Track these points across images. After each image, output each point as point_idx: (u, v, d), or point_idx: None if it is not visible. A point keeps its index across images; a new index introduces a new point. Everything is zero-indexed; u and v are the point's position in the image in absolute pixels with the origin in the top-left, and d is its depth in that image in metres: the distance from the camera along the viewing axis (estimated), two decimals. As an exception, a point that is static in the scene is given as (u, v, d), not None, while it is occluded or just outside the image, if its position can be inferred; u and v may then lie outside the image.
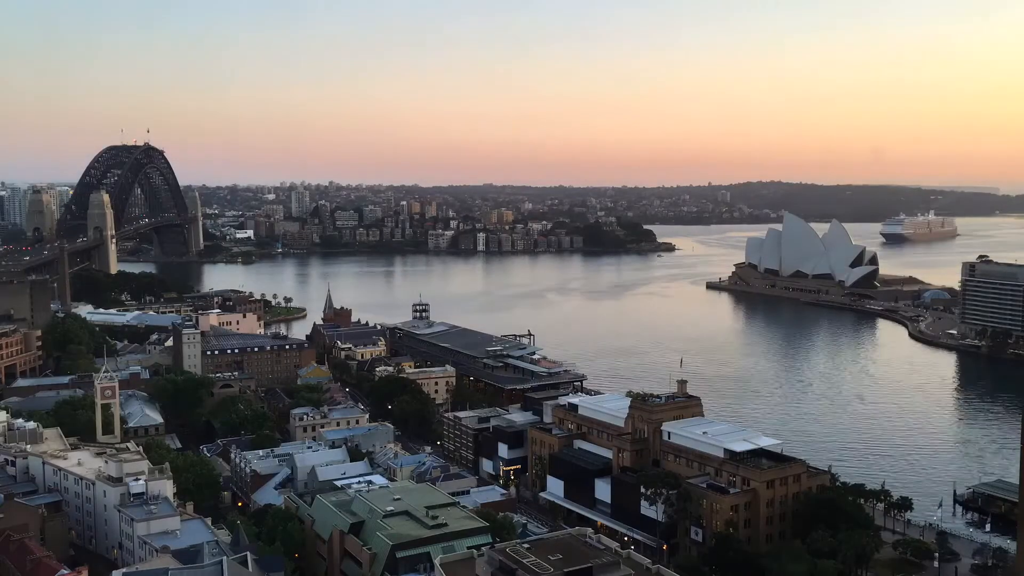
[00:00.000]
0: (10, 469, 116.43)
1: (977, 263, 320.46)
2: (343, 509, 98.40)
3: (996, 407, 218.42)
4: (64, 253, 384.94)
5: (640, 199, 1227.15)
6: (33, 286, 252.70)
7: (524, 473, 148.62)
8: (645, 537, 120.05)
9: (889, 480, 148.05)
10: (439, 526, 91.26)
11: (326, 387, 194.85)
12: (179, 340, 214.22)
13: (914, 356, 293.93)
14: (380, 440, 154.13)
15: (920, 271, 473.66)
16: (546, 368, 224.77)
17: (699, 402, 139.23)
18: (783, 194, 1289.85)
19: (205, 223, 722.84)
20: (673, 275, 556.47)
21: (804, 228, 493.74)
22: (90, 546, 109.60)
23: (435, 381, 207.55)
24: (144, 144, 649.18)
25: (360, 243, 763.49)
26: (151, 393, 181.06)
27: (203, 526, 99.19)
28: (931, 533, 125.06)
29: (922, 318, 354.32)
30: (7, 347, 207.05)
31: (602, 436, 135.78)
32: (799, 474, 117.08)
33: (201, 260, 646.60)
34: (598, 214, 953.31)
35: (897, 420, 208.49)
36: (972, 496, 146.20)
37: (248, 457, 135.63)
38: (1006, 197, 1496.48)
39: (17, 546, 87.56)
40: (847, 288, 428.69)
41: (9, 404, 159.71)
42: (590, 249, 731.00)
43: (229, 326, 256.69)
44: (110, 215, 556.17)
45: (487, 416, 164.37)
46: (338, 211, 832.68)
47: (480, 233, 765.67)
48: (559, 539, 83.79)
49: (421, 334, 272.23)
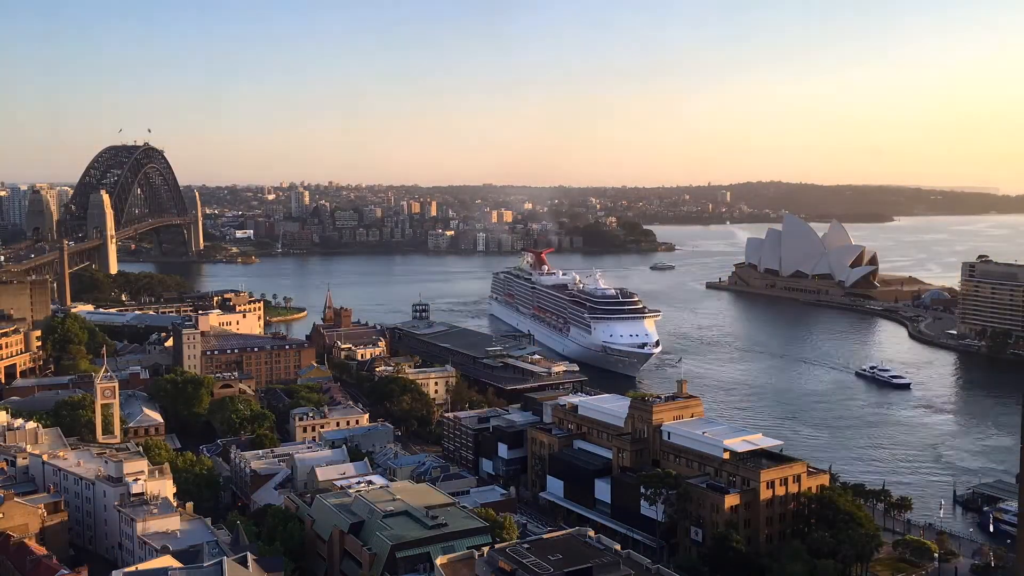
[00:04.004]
0: (10, 469, 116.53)
1: (977, 263, 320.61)
2: (343, 509, 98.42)
3: (996, 407, 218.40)
4: (64, 253, 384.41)
5: (640, 199, 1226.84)
6: (33, 286, 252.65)
7: (523, 473, 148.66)
8: (645, 537, 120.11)
9: (889, 480, 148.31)
10: (439, 526, 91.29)
11: (326, 387, 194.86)
12: (179, 340, 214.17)
13: (914, 356, 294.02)
14: (380, 440, 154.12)
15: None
16: (546, 368, 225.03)
17: (699, 402, 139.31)
18: (783, 194, 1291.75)
19: (205, 223, 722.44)
20: (673, 275, 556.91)
21: (804, 228, 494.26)
22: (90, 546, 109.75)
23: (435, 381, 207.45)
24: (144, 144, 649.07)
25: (360, 243, 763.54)
26: (151, 393, 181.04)
27: (203, 526, 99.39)
28: (931, 533, 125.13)
29: (922, 318, 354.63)
30: (7, 347, 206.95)
31: (602, 436, 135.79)
32: (799, 474, 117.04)
33: (201, 260, 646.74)
34: (598, 214, 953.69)
35: (897, 420, 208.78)
36: (972, 496, 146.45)
37: (248, 457, 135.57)
38: (1005, 197, 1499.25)
39: (17, 546, 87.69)
40: (847, 288, 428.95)
41: (9, 404, 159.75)
42: (590, 249, 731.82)
43: (229, 326, 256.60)
44: (110, 215, 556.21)
45: (487, 416, 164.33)
46: (338, 211, 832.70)
47: (480, 233, 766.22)
48: (559, 539, 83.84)
49: (421, 334, 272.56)
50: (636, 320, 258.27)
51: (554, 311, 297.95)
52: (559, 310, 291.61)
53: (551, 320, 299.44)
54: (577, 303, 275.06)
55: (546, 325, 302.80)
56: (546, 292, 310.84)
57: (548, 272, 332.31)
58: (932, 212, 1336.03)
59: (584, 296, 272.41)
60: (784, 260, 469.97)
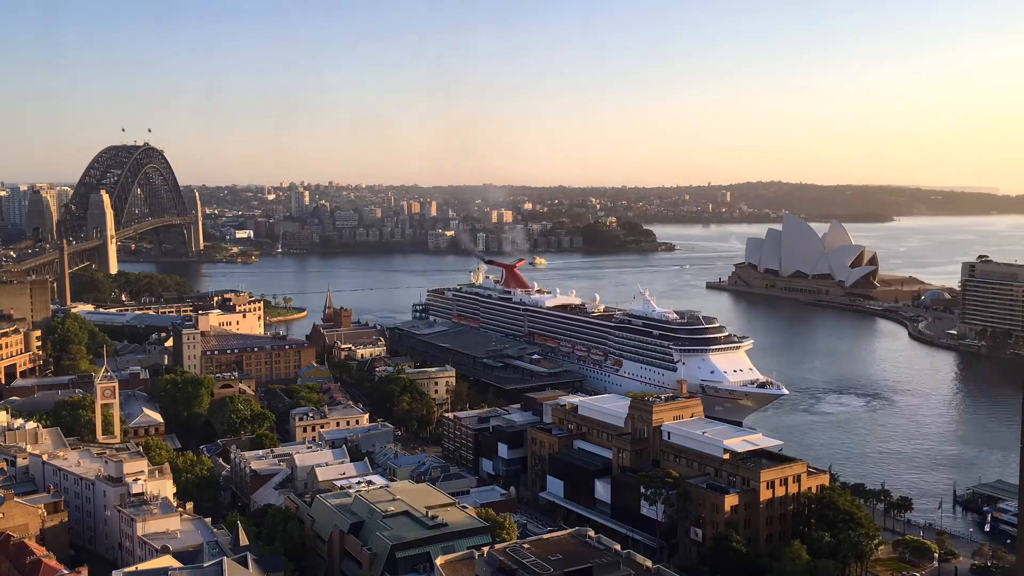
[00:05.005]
0: (10, 469, 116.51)
1: (977, 263, 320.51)
2: (343, 509, 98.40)
3: (996, 407, 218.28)
4: (64, 253, 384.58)
5: (640, 199, 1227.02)
6: (33, 286, 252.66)
7: (524, 473, 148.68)
8: (645, 537, 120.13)
9: (889, 480, 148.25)
10: (439, 526, 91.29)
11: (326, 387, 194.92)
12: (179, 340, 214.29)
13: (914, 356, 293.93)
14: (380, 440, 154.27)
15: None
16: (546, 368, 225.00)
17: (699, 402, 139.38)
18: (783, 194, 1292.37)
19: (205, 223, 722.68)
20: (672, 275, 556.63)
21: (804, 228, 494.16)
22: (90, 546, 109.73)
23: (435, 381, 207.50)
24: (144, 144, 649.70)
25: (360, 243, 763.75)
26: (151, 393, 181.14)
27: (203, 526, 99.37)
28: (931, 533, 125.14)
29: (922, 318, 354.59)
30: (7, 347, 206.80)
31: (602, 436, 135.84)
32: (799, 474, 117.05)
33: (201, 260, 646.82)
34: (598, 214, 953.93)
35: (897, 420, 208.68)
36: (972, 496, 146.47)
37: (248, 457, 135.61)
38: (1006, 197, 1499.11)
39: (17, 546, 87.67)
40: (847, 288, 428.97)
41: (9, 404, 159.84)
42: (590, 249, 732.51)
43: (229, 326, 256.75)
44: (110, 215, 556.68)
45: (487, 416, 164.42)
46: (338, 211, 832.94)
47: (480, 233, 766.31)
48: (559, 539, 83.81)
49: (421, 334, 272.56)
50: (733, 350, 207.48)
51: (583, 342, 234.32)
52: (597, 342, 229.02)
53: (572, 352, 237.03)
54: (640, 332, 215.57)
55: (560, 358, 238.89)
56: (555, 318, 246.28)
57: (536, 291, 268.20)
58: (932, 212, 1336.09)
59: (657, 323, 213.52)
60: (784, 260, 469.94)
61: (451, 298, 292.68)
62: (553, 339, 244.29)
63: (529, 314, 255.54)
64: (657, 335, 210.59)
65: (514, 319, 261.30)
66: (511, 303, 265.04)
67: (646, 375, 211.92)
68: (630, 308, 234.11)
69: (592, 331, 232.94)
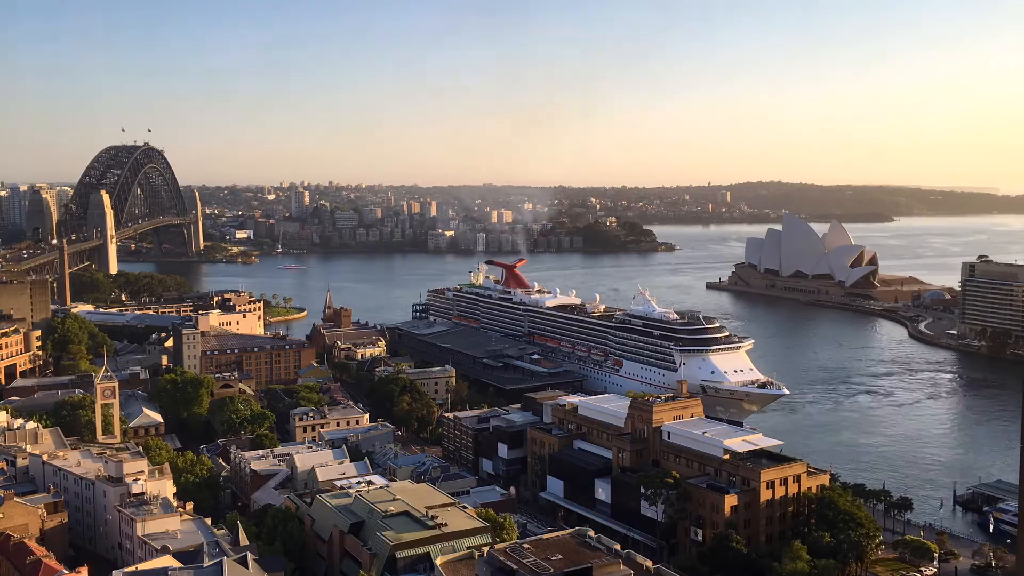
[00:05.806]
0: (10, 469, 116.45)
1: (977, 263, 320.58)
2: (343, 509, 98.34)
3: (996, 407, 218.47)
4: (64, 253, 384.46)
5: (640, 199, 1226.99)
6: (33, 286, 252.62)
7: (524, 473, 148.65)
8: (645, 537, 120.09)
9: (889, 480, 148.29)
10: (439, 526, 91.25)
11: (326, 387, 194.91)
12: (179, 340, 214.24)
13: (914, 356, 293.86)
14: (380, 440, 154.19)
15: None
16: (546, 368, 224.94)
17: (699, 402, 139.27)
18: (783, 194, 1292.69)
19: (205, 223, 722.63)
20: (672, 275, 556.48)
21: (804, 228, 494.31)
22: (90, 546, 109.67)
23: (435, 381, 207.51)
24: (144, 144, 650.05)
25: (360, 243, 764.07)
26: (151, 393, 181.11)
27: (203, 526, 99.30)
28: (931, 533, 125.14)
29: (922, 318, 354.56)
30: (7, 347, 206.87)
31: (602, 436, 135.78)
32: (799, 474, 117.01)
33: (201, 260, 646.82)
34: (598, 214, 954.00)
35: (897, 420, 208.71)
36: (972, 496, 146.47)
37: (248, 457, 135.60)
38: (1006, 197, 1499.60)
39: (17, 546, 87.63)
40: (847, 288, 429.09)
41: (9, 404, 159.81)
42: (590, 249, 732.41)
43: (229, 326, 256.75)
44: (110, 215, 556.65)
45: (487, 416, 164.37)
46: (338, 211, 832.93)
47: (480, 233, 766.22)
48: (559, 539, 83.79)
49: (421, 334, 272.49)
50: (733, 350, 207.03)
51: (583, 342, 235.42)
52: (597, 342, 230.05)
53: (572, 352, 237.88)
54: (640, 332, 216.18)
55: (560, 358, 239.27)
56: (555, 318, 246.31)
57: (537, 291, 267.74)
58: (932, 212, 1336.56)
59: (657, 323, 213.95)
60: (784, 260, 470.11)
61: (451, 298, 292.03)
62: (553, 339, 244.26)
63: (529, 314, 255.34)
64: (657, 335, 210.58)
65: (514, 319, 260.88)
66: (511, 303, 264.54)
67: (646, 375, 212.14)
68: (630, 308, 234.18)
69: (592, 331, 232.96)
